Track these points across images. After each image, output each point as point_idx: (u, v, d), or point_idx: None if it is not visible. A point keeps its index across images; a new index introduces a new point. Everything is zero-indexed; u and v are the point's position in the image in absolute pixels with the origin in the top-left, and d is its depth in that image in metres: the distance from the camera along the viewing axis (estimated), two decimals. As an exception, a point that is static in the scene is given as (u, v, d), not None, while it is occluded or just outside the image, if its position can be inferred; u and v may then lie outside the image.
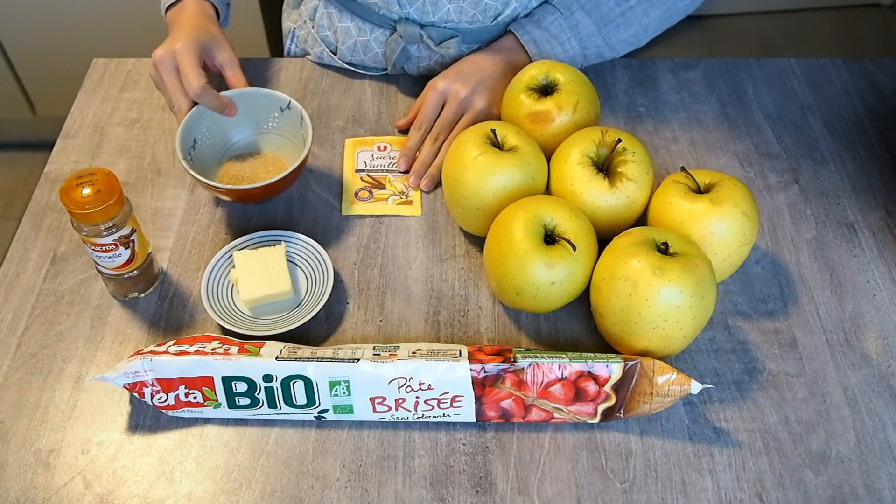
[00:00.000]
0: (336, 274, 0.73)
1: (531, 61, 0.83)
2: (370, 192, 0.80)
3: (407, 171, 0.81)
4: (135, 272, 0.69)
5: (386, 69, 0.89)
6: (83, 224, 0.63)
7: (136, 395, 0.62)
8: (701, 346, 0.69)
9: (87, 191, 0.62)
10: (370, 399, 0.61)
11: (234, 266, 0.71)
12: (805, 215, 0.78)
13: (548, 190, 0.72)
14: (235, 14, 1.56)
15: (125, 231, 0.66)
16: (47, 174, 0.81)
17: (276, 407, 0.62)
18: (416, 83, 0.90)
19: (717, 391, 0.66)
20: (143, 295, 0.71)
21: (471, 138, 0.70)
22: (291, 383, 0.61)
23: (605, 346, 0.68)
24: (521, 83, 0.76)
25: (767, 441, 0.63)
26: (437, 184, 0.80)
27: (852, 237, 0.77)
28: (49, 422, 0.64)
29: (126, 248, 0.67)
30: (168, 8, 0.83)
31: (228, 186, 0.71)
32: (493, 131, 0.70)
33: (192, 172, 0.71)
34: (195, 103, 0.76)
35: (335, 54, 0.90)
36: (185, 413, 0.63)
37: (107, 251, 0.66)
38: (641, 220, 0.72)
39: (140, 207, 0.78)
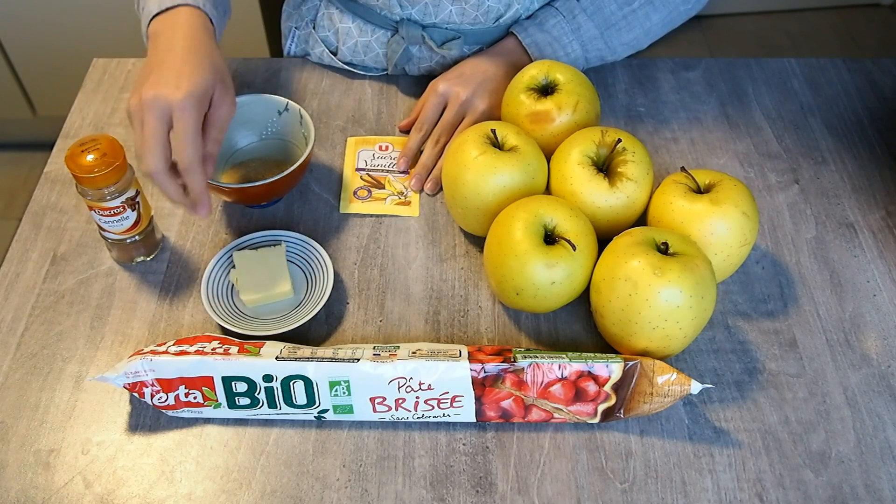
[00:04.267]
0: (336, 274, 0.73)
1: None
2: (369, 191, 0.80)
3: (406, 172, 0.81)
4: (138, 236, 0.71)
5: (386, 70, 0.90)
6: (90, 188, 0.65)
7: (136, 395, 0.62)
8: (701, 346, 0.69)
9: (91, 156, 0.64)
10: (370, 399, 0.61)
11: (233, 266, 0.71)
12: (805, 215, 0.78)
13: (548, 190, 0.72)
14: (235, 14, 1.57)
15: (131, 193, 0.68)
16: (47, 174, 0.81)
17: (276, 407, 0.62)
18: (416, 83, 0.90)
19: (717, 391, 0.66)
20: (149, 258, 0.74)
21: (471, 138, 0.70)
22: (291, 383, 0.61)
23: (605, 346, 0.68)
24: (521, 83, 0.76)
25: (767, 441, 0.63)
26: (441, 187, 0.80)
27: (852, 237, 0.77)
28: (49, 422, 0.64)
29: (133, 210, 0.69)
30: (154, 15, 0.68)
31: (233, 185, 0.71)
32: (493, 131, 0.70)
33: None
34: (173, 165, 0.62)
35: (335, 55, 0.90)
36: (185, 413, 0.63)
37: (115, 214, 0.68)
38: (641, 220, 0.72)
39: (140, 207, 0.78)
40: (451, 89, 0.81)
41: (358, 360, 0.61)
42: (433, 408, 0.62)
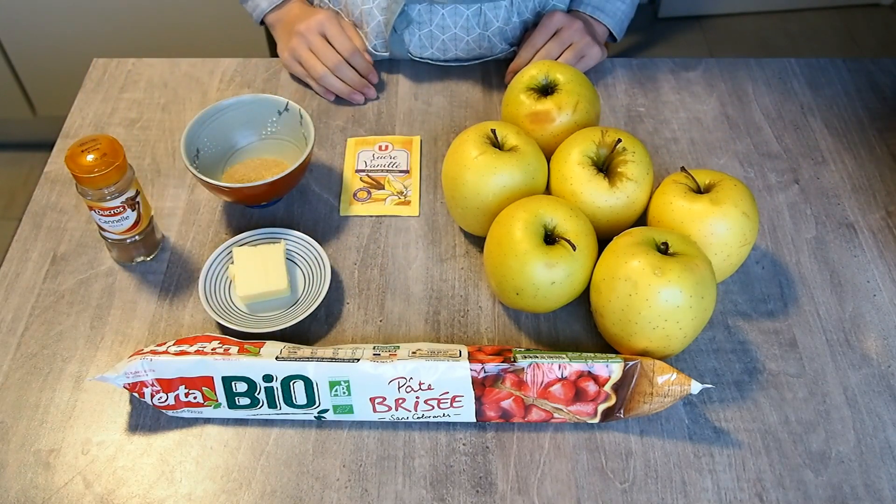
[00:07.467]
0: (336, 274, 0.73)
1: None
2: (368, 192, 0.80)
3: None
4: (138, 236, 0.71)
5: (387, 53, 0.90)
6: (90, 188, 0.66)
7: (136, 395, 0.62)
8: (701, 346, 0.69)
9: (91, 156, 0.65)
10: (370, 399, 0.61)
11: (232, 262, 0.71)
12: (805, 215, 0.78)
13: (548, 190, 0.72)
14: (236, 14, 1.57)
15: (131, 193, 0.68)
16: (47, 174, 0.81)
17: (276, 407, 0.62)
18: (416, 84, 0.90)
19: (717, 391, 0.66)
20: (149, 258, 0.74)
21: (471, 138, 0.70)
22: (291, 383, 0.61)
23: (605, 346, 0.68)
24: (521, 83, 0.76)
25: (767, 441, 0.63)
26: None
27: (852, 237, 0.77)
28: (49, 422, 0.64)
29: (133, 210, 0.69)
30: (267, 13, 0.92)
31: (233, 185, 0.71)
32: (493, 131, 0.70)
33: (197, 174, 0.71)
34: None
35: None
36: (185, 413, 0.63)
37: (115, 214, 0.68)
38: (641, 220, 0.72)
39: (140, 207, 0.78)
40: (571, 21, 0.87)
41: (358, 360, 0.61)
42: (433, 408, 0.62)
